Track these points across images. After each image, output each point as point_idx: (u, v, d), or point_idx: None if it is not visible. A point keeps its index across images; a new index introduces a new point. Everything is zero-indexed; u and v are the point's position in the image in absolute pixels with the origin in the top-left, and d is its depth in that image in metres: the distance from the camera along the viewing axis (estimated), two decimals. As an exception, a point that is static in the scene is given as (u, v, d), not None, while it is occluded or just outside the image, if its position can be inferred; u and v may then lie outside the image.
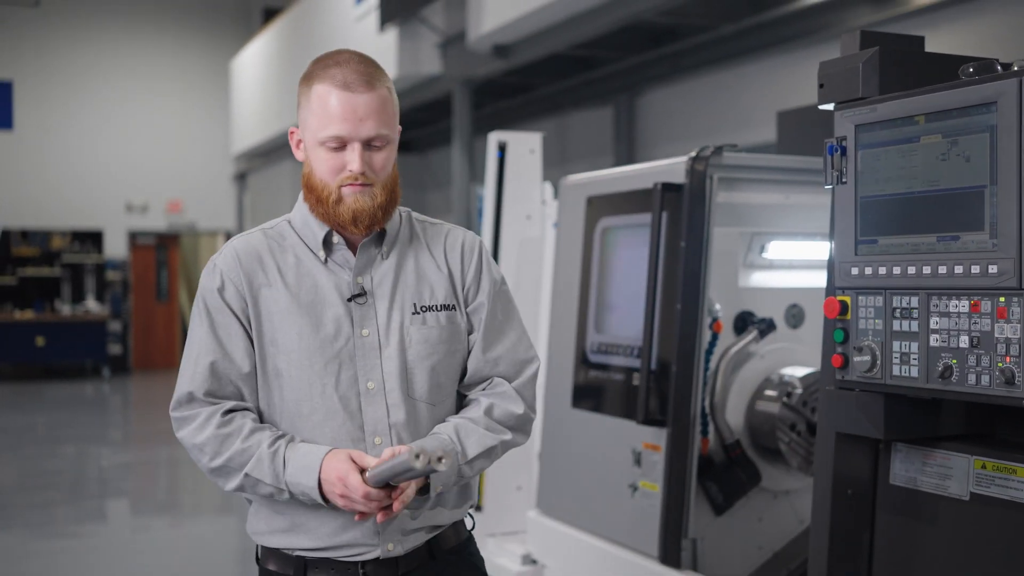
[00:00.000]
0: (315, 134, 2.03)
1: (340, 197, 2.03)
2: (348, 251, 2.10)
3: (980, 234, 1.97)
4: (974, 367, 1.99)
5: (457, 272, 2.16)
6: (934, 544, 2.29)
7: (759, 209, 3.40)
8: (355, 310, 2.06)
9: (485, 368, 2.15)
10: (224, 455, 2.01)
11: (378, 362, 2.05)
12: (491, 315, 2.15)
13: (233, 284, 2.07)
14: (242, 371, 2.06)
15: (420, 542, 2.10)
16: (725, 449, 3.31)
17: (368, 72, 2.04)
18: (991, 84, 1.95)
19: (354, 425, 2.03)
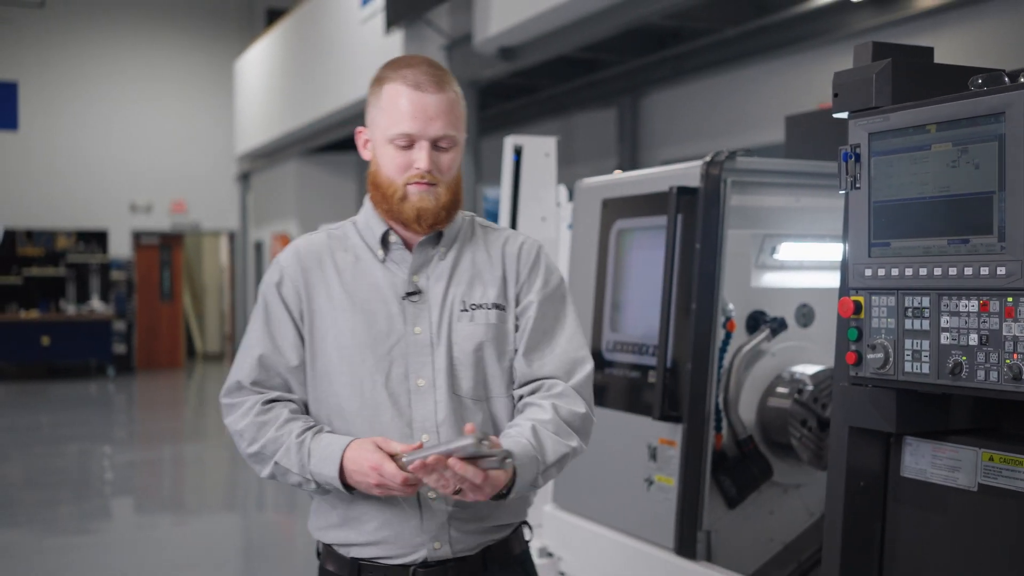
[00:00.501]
0: (384, 132, 2.07)
1: (405, 195, 2.07)
2: (405, 250, 2.13)
3: (989, 237, 2.08)
4: (983, 364, 2.09)
5: (512, 273, 2.17)
6: (943, 533, 2.39)
7: (770, 212, 3.50)
8: (408, 308, 2.09)
9: (531, 369, 2.14)
10: (259, 442, 2.07)
11: (429, 360, 2.07)
12: (540, 315, 2.16)
13: (291, 280, 2.13)
14: (290, 364, 2.12)
15: (473, 549, 2.10)
16: (738, 444, 3.41)
17: (438, 75, 2.08)
18: (1000, 95, 2.05)
19: (402, 422, 2.06)
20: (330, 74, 13.31)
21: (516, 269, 2.17)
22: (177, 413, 14.22)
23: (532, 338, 2.14)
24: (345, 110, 13.14)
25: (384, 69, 2.13)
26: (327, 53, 13.47)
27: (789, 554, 3.47)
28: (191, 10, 19.38)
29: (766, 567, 3.43)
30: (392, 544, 2.07)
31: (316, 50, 13.98)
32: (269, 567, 6.65)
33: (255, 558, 6.97)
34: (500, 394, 2.13)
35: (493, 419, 2.12)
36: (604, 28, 8.53)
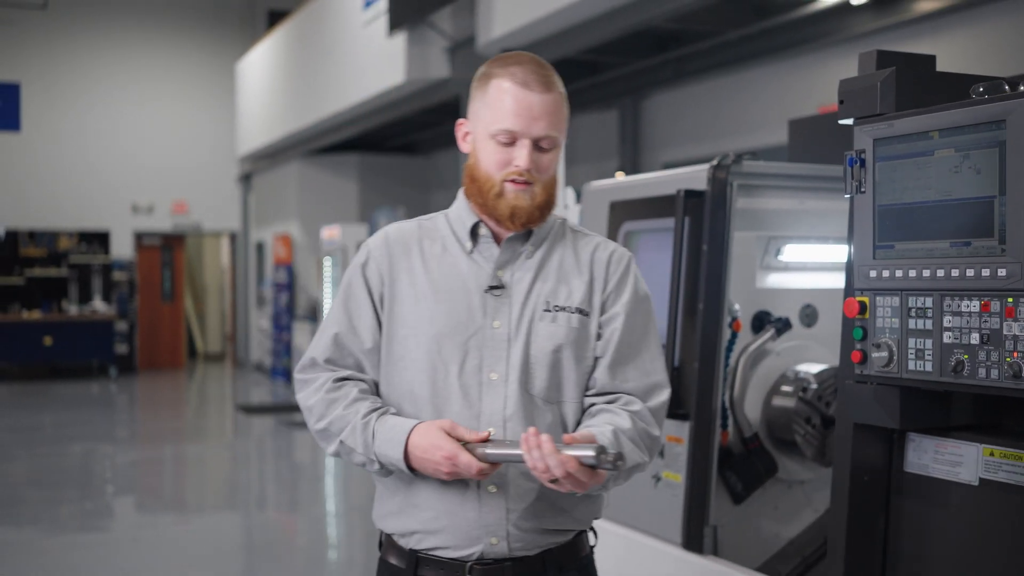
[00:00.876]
0: (487, 127, 2.08)
1: (502, 191, 2.07)
2: (494, 244, 2.14)
3: (990, 240, 2.15)
4: (984, 362, 2.17)
5: (600, 279, 2.16)
6: (946, 527, 2.47)
7: (775, 214, 3.58)
8: (489, 301, 2.10)
9: (613, 381, 2.12)
10: (327, 419, 2.09)
11: (504, 354, 2.07)
12: (628, 329, 2.14)
13: (376, 263, 2.15)
14: (364, 346, 2.13)
15: (531, 550, 2.08)
16: (744, 441, 3.49)
17: (546, 75, 2.09)
18: (1001, 104, 2.13)
19: (471, 413, 2.05)
20: (333, 76, 13.38)
21: (604, 276, 2.16)
22: (179, 413, 14.28)
23: (618, 351, 2.12)
24: (348, 112, 13.22)
25: (491, 65, 2.13)
26: (329, 55, 13.54)
27: (793, 549, 3.55)
28: (192, 11, 19.44)
29: (771, 561, 3.51)
30: (449, 534, 2.05)
31: (318, 52, 14.05)
32: (271, 566, 6.71)
33: (257, 557, 7.02)
34: (572, 398, 2.12)
35: (563, 422, 2.11)
36: (606, 31, 8.60)
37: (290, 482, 9.53)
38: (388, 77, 11.36)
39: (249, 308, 19.87)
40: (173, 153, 19.04)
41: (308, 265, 16.62)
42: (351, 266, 2.20)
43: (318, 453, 10.84)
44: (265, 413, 13.23)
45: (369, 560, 6.69)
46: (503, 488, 2.04)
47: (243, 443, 11.60)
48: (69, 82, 18.38)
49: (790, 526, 3.59)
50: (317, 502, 8.73)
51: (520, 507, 2.05)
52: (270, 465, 10.50)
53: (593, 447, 1.85)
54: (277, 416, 12.82)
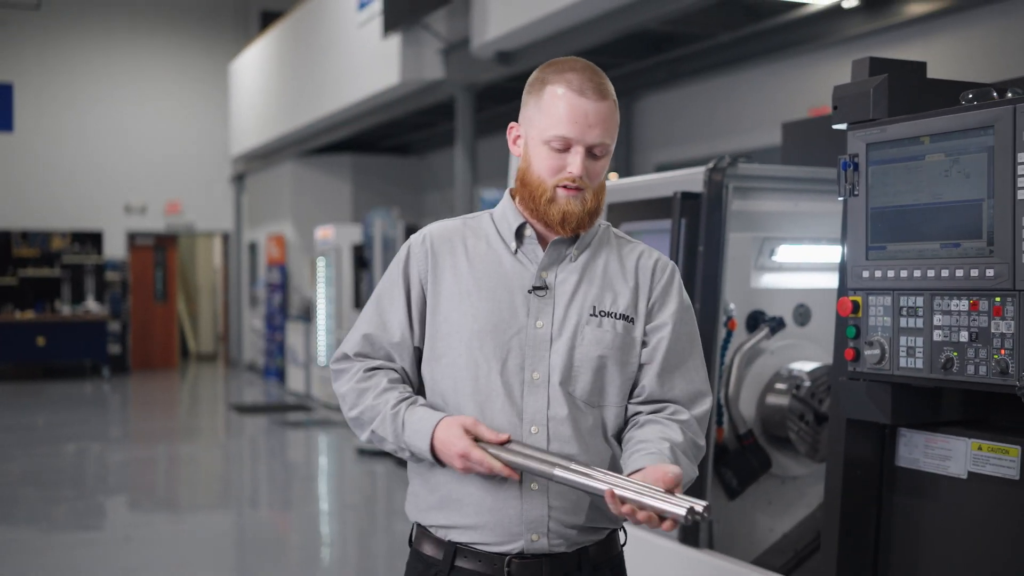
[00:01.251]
0: (542, 132, 2.09)
1: (554, 197, 2.09)
2: (539, 245, 2.15)
3: (979, 241, 2.24)
4: (973, 359, 2.25)
5: (645, 286, 2.18)
6: (935, 519, 2.55)
7: (769, 216, 3.66)
8: (533, 302, 2.11)
9: (661, 390, 2.15)
10: (359, 407, 2.14)
11: (546, 354, 2.09)
12: (675, 338, 2.16)
13: (416, 261, 2.18)
14: (393, 339, 2.17)
15: (569, 547, 2.10)
16: (738, 438, 3.57)
17: (601, 83, 2.10)
18: (989, 110, 2.21)
19: (513, 411, 2.07)
20: (327, 77, 13.44)
21: (650, 284, 2.18)
22: (172, 413, 14.31)
23: (666, 359, 2.15)
24: (342, 112, 13.27)
25: (545, 70, 2.15)
26: (324, 56, 13.59)
27: (787, 543, 3.63)
28: (185, 12, 19.47)
29: (765, 555, 3.58)
30: (491, 530, 2.08)
31: (313, 53, 14.11)
32: (264, 564, 6.74)
33: (250, 555, 7.05)
34: (614, 403, 2.14)
35: (603, 425, 2.13)
36: (601, 33, 8.66)
37: (283, 481, 9.57)
38: (383, 78, 11.42)
39: (242, 308, 19.91)
40: (166, 153, 19.06)
41: (301, 265, 16.67)
42: (393, 262, 2.23)
43: (311, 452, 10.89)
44: (258, 413, 13.27)
45: (363, 558, 6.75)
46: (545, 486, 2.06)
47: (236, 442, 11.64)
48: (62, 82, 18.40)
49: (784, 520, 3.66)
50: (310, 501, 8.78)
51: (561, 504, 2.07)
52: (263, 464, 10.54)
53: (686, 507, 1.82)
54: (270, 416, 12.87)
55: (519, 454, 2.00)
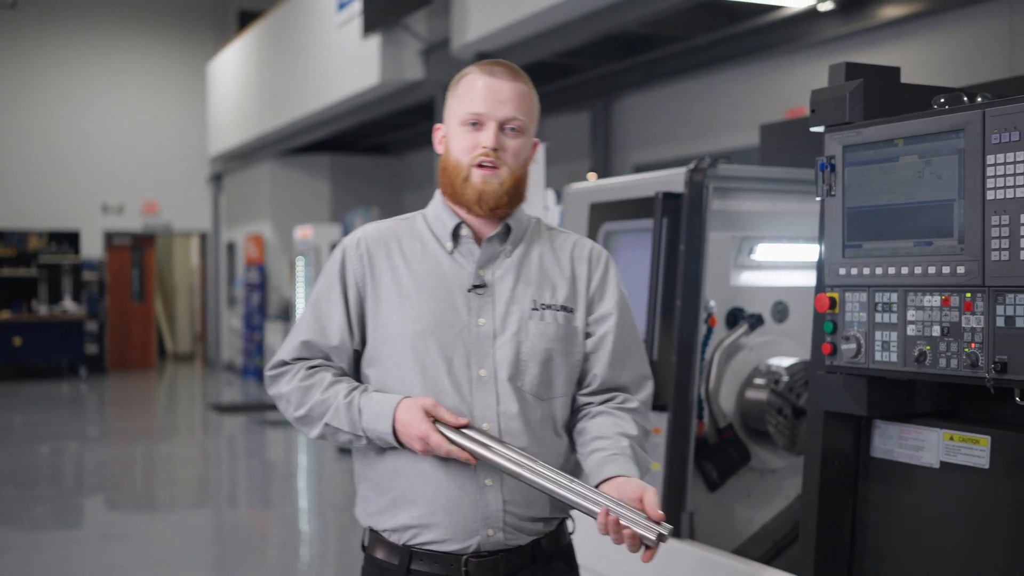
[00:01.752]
0: (457, 116, 2.15)
1: (468, 176, 2.12)
2: (474, 244, 2.17)
3: (950, 240, 2.33)
4: (945, 352, 2.35)
5: (582, 277, 2.22)
6: (909, 507, 2.64)
7: (748, 215, 3.75)
8: (473, 300, 2.13)
9: (612, 376, 2.20)
10: (306, 405, 2.13)
11: (491, 351, 2.11)
12: (620, 326, 2.21)
13: (353, 265, 2.18)
14: (331, 343, 2.17)
15: (524, 539, 2.13)
16: (719, 432, 3.66)
17: (515, 69, 2.18)
18: (960, 114, 2.31)
19: (464, 408, 2.09)
20: (307, 77, 13.47)
21: (587, 274, 2.23)
22: (150, 412, 14.30)
23: (616, 348, 2.20)
24: (321, 112, 13.31)
25: (465, 69, 2.22)
26: (303, 56, 13.62)
27: (765, 533, 3.72)
28: (162, 11, 19.43)
29: (744, 545, 3.68)
30: (446, 528, 2.09)
31: (292, 53, 14.13)
32: (243, 562, 6.78)
33: (229, 553, 7.09)
34: (561, 394, 2.18)
35: (552, 418, 2.16)
36: (579, 35, 8.74)
37: (262, 480, 9.61)
38: (362, 79, 11.47)
39: (220, 308, 19.90)
40: (143, 153, 19.03)
41: (280, 265, 16.69)
42: (327, 268, 2.23)
43: (291, 451, 10.92)
44: (237, 412, 13.30)
45: (342, 555, 6.79)
46: (499, 480, 2.08)
47: (215, 442, 11.66)
48: (39, 82, 18.34)
49: (762, 512, 3.76)
50: (290, 499, 8.82)
51: (514, 498, 2.10)
52: (242, 463, 10.57)
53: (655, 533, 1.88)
54: (249, 415, 12.90)
55: (480, 444, 2.03)
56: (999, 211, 2.22)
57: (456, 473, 2.08)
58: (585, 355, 2.21)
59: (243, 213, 18.60)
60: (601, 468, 2.05)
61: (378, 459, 2.16)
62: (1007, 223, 2.21)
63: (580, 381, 2.22)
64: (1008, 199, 2.21)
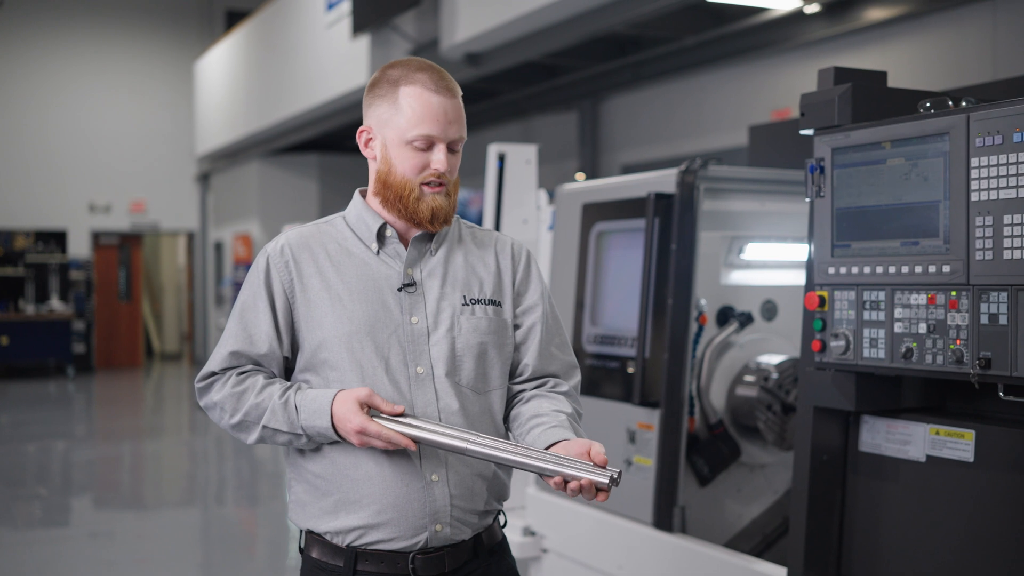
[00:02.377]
0: (403, 133, 2.12)
1: (421, 195, 2.13)
2: (400, 244, 2.19)
3: (936, 240, 2.41)
4: (931, 349, 2.43)
5: (507, 271, 2.27)
6: (896, 500, 2.71)
7: (738, 215, 3.83)
8: (404, 299, 2.15)
9: (543, 365, 2.26)
10: (241, 411, 2.12)
11: (426, 348, 2.14)
12: (546, 316, 2.28)
13: (279, 270, 2.17)
14: (259, 351, 2.16)
15: (467, 534, 2.16)
16: (709, 428, 3.73)
17: (451, 80, 2.17)
18: (945, 118, 2.38)
19: (405, 406, 2.09)
20: (295, 77, 13.50)
21: (512, 267, 2.28)
22: (137, 411, 14.30)
23: (544, 337, 2.26)
24: (310, 112, 13.34)
25: (391, 72, 2.17)
26: (291, 56, 13.65)
27: (755, 528, 3.80)
28: (149, 10, 19.40)
29: (735, 539, 3.75)
30: (395, 526, 2.10)
31: (280, 53, 14.16)
32: (230, 559, 6.80)
33: (216, 551, 7.10)
34: (497, 386, 2.21)
35: (491, 411, 2.20)
36: (568, 36, 8.79)
37: (250, 477, 9.64)
38: (351, 79, 11.51)
39: (208, 307, 19.89)
40: (131, 152, 19.01)
41: (268, 264, 16.67)
42: (250, 274, 2.22)
43: (278, 449, 10.90)
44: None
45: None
46: (444, 475, 2.11)
47: (202, 440, 11.69)
48: (25, 81, 18.30)
49: (752, 507, 3.83)
50: (277, 496, 8.84)
51: (460, 492, 2.12)
52: (230, 461, 10.59)
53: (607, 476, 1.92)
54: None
55: (419, 428, 2.03)
56: (983, 212, 2.30)
57: (402, 471, 2.09)
58: (516, 346, 2.26)
59: (231, 212, 18.60)
60: (543, 436, 2.09)
61: (315, 461, 2.15)
62: (991, 224, 2.29)
63: (512, 373, 2.27)
64: (992, 200, 2.28)
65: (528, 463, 1.97)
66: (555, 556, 4.10)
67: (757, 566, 3.24)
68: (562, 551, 4.04)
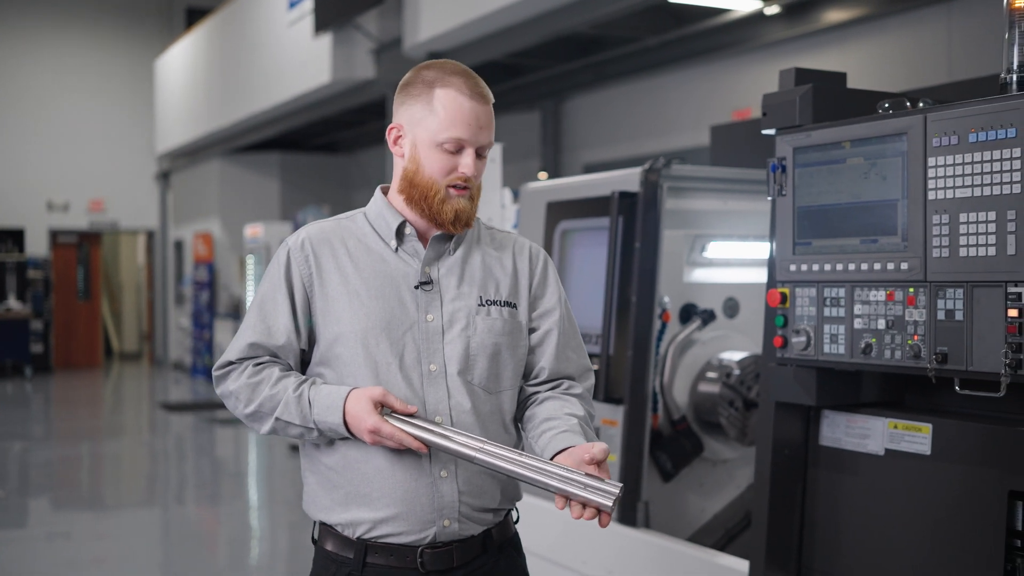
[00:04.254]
0: (434, 135, 2.14)
1: (447, 196, 2.14)
2: (418, 242, 2.20)
3: (894, 238, 2.46)
4: (889, 344, 2.48)
5: (524, 273, 2.28)
6: (856, 493, 2.77)
7: (700, 214, 3.87)
8: (421, 297, 2.17)
9: (558, 369, 2.27)
10: (256, 401, 2.15)
11: (440, 346, 2.15)
12: (563, 320, 2.29)
13: (298, 265, 2.20)
14: (278, 343, 2.19)
15: (477, 530, 2.17)
16: (673, 423, 3.78)
17: (484, 87, 2.20)
18: (903, 119, 2.44)
19: (417, 402, 2.12)
20: (256, 75, 13.44)
21: (529, 270, 2.29)
22: (97, 411, 14.17)
23: (561, 341, 2.28)
24: (271, 111, 13.29)
25: (426, 73, 2.20)
26: (253, 54, 13.59)
27: (717, 522, 3.85)
28: (109, 8, 19.22)
29: (697, 534, 3.80)
30: (404, 520, 2.12)
31: (242, 51, 14.08)
32: (192, 559, 6.75)
33: (177, 551, 7.04)
34: (508, 387, 2.23)
35: (501, 411, 2.21)
36: (531, 36, 8.83)
37: (212, 477, 9.58)
38: (313, 77, 11.48)
39: (168, 306, 19.75)
40: (90, 150, 18.83)
41: (229, 263, 16.61)
42: (270, 267, 2.25)
43: (240, 449, 10.91)
44: (186, 411, 13.23)
45: (293, 551, 6.78)
46: (453, 471, 2.12)
47: (163, 440, 11.60)
48: (-19, 77, 18.09)
49: (714, 501, 3.88)
50: (240, 496, 8.80)
51: (469, 488, 2.14)
52: (191, 461, 10.53)
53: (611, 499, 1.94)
54: (198, 413, 12.84)
55: (431, 432, 2.05)
56: (940, 211, 2.36)
57: (411, 466, 2.11)
58: (531, 349, 2.27)
59: (191, 211, 18.48)
60: (552, 443, 2.11)
61: (327, 454, 2.18)
62: (947, 222, 2.34)
63: (527, 375, 2.28)
64: (948, 199, 2.34)
65: (534, 478, 1.98)
66: (520, 552, 4.13)
67: (720, 560, 3.29)
68: (524, 547, 4.06)
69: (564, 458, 2.04)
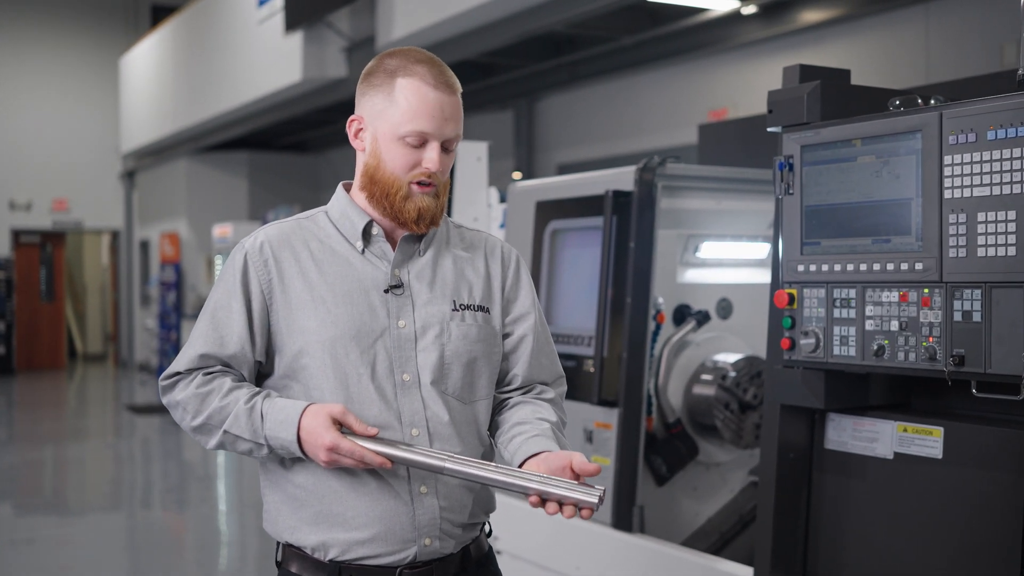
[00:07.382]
0: (395, 128, 2.01)
1: (409, 193, 2.02)
2: (387, 244, 2.08)
3: (907, 238, 2.41)
4: (903, 347, 2.43)
5: (496, 276, 2.17)
6: (863, 497, 2.72)
7: (694, 214, 3.82)
8: (392, 301, 2.03)
9: (532, 375, 2.19)
10: (204, 413, 1.99)
11: (413, 354, 2.03)
12: (537, 325, 2.20)
13: (257, 268, 2.04)
14: (228, 352, 2.03)
15: (456, 547, 2.07)
16: (667, 427, 3.72)
17: (451, 75, 2.06)
18: (917, 116, 2.38)
19: (391, 415, 2.00)
20: (225, 73, 13.27)
21: (501, 273, 2.19)
22: (61, 414, 13.95)
23: (535, 348, 2.19)
24: (240, 109, 13.13)
25: (388, 61, 2.05)
26: (222, 52, 13.42)
27: (711, 526, 3.79)
28: (73, 4, 18.96)
29: (692, 538, 3.74)
30: (383, 541, 2.00)
31: (210, 49, 13.91)
32: (158, 565, 6.63)
33: (143, 556, 6.92)
34: (483, 396, 2.12)
35: (476, 421, 2.11)
36: (505, 35, 8.77)
37: (178, 481, 9.43)
38: (284, 76, 11.35)
39: (133, 307, 19.49)
40: (53, 149, 18.55)
41: (197, 263, 16.42)
42: (225, 271, 2.08)
43: (208, 452, 10.75)
44: (152, 413, 13.05)
45: (263, 558, 6.63)
46: (433, 487, 2.01)
47: (128, 443, 11.42)
48: (-58, 75, 17.78)
49: (708, 505, 3.83)
50: (207, 500, 8.66)
51: (449, 504, 2.03)
52: (157, 464, 10.36)
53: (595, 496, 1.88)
54: (165, 416, 12.65)
55: (393, 445, 1.93)
56: (956, 210, 2.31)
57: (389, 483, 1.99)
58: (504, 355, 2.17)
59: (158, 211, 18.25)
60: (523, 447, 2.02)
61: (293, 471, 2.03)
62: (964, 221, 2.29)
63: (499, 382, 2.19)
64: (965, 198, 2.29)
65: (507, 481, 1.89)
66: (508, 558, 4.05)
67: (721, 565, 3.23)
68: (517, 552, 4.00)
69: (538, 463, 1.96)
